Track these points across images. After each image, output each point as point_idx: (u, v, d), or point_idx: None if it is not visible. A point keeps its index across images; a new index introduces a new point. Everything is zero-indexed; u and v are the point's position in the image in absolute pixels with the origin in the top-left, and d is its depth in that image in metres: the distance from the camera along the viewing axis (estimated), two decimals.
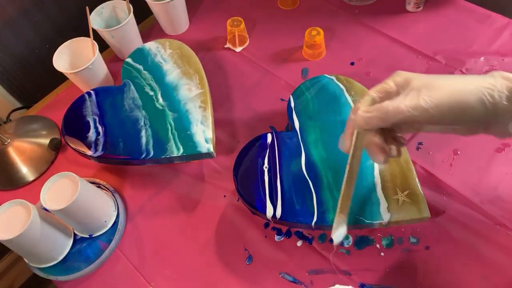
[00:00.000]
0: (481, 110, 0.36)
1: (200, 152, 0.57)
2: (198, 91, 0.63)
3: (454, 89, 0.36)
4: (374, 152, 0.41)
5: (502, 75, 0.37)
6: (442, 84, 0.37)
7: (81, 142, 0.60)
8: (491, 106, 0.36)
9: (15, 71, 0.76)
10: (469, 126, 0.38)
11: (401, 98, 0.38)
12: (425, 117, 0.37)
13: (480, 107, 0.36)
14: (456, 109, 0.36)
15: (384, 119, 0.38)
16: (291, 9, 0.83)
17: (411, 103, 0.37)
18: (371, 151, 0.42)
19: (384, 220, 0.50)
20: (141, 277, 0.56)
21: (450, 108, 0.36)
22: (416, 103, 0.37)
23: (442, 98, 0.36)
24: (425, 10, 0.77)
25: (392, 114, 0.38)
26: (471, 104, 0.36)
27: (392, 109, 0.38)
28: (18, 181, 0.66)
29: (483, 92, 0.36)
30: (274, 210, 0.52)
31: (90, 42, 0.69)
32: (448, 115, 0.36)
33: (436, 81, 0.38)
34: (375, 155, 0.42)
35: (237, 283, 0.54)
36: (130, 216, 0.61)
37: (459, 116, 0.37)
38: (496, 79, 0.36)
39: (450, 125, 0.39)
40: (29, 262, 0.56)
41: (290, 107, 0.62)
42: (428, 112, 0.36)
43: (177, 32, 0.82)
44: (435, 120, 0.37)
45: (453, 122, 0.38)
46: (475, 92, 0.36)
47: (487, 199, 0.56)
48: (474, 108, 0.36)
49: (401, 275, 0.52)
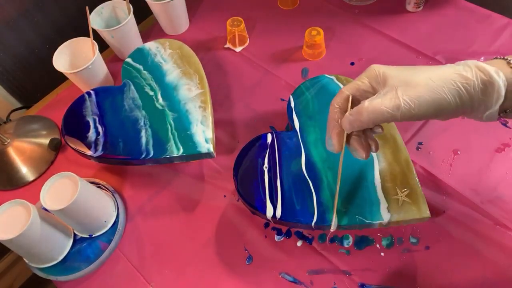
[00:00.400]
0: (458, 104, 0.37)
1: (200, 152, 0.57)
2: (198, 91, 0.63)
3: (432, 86, 0.37)
4: (358, 150, 0.43)
5: (477, 65, 0.37)
6: (420, 81, 0.37)
7: (81, 142, 0.60)
8: (467, 100, 0.37)
9: (15, 71, 0.76)
10: (448, 117, 0.39)
11: (380, 98, 0.38)
12: (405, 116, 0.37)
13: (458, 101, 0.37)
14: (435, 106, 0.37)
15: (366, 122, 0.39)
16: (291, 9, 0.83)
17: (390, 104, 0.37)
18: (354, 149, 0.43)
19: (384, 220, 0.50)
20: (141, 277, 0.56)
21: (430, 105, 0.37)
22: (395, 104, 0.37)
23: (421, 97, 0.37)
24: (425, 10, 0.77)
25: (373, 117, 0.38)
26: (449, 99, 0.37)
27: (371, 112, 0.38)
28: (18, 181, 0.66)
29: (460, 87, 0.37)
30: (274, 210, 0.52)
31: (90, 42, 0.69)
32: (428, 112, 0.37)
33: (413, 77, 0.38)
34: (359, 153, 0.43)
35: (237, 283, 0.54)
36: (130, 216, 0.61)
37: (438, 111, 0.37)
38: (472, 70, 0.37)
39: (429, 119, 0.40)
40: (29, 262, 0.56)
41: (290, 107, 0.62)
42: (408, 111, 0.37)
43: (177, 32, 0.82)
44: (415, 118, 0.38)
45: (431, 117, 0.38)
46: (452, 87, 0.37)
47: (487, 199, 0.56)
48: (451, 103, 0.37)
49: (401, 275, 0.52)
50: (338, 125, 0.43)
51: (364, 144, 0.43)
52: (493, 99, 0.37)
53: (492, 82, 0.36)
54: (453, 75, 0.37)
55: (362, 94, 0.41)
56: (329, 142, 0.44)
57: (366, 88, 0.41)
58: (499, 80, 0.36)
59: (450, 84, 0.37)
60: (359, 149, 0.43)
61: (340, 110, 0.42)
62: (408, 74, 0.38)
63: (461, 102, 0.37)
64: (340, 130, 0.43)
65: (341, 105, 0.42)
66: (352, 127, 0.41)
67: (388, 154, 0.55)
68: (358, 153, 0.43)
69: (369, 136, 0.44)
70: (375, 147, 0.43)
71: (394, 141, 0.56)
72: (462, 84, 0.37)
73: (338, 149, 0.43)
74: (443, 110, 0.37)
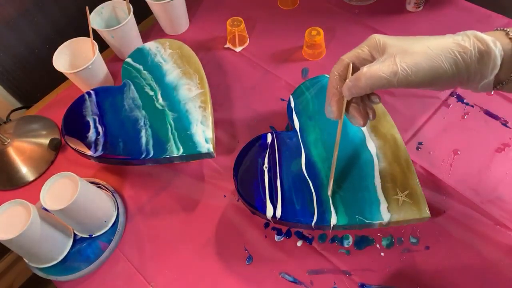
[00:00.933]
0: (455, 72, 0.37)
1: (200, 152, 0.57)
2: (198, 91, 0.63)
3: (429, 54, 0.37)
4: (356, 118, 0.44)
5: (476, 35, 0.38)
6: (418, 49, 0.38)
7: (81, 142, 0.60)
8: (464, 68, 0.37)
9: (15, 71, 0.76)
10: (444, 86, 0.40)
11: (378, 64, 0.39)
12: (402, 83, 0.38)
13: (454, 69, 0.37)
14: (431, 73, 0.37)
15: (363, 87, 0.40)
16: (291, 9, 0.83)
17: (388, 70, 0.38)
18: (353, 116, 0.44)
19: (384, 220, 0.50)
20: (141, 277, 0.56)
21: (426, 73, 0.37)
22: (393, 70, 0.38)
23: (418, 64, 0.37)
24: (425, 10, 0.77)
25: (370, 82, 0.39)
26: (446, 68, 0.37)
27: (369, 77, 0.39)
28: (18, 181, 0.66)
29: (457, 55, 0.37)
30: (274, 210, 0.52)
31: (90, 42, 0.69)
32: (424, 79, 0.38)
33: (412, 46, 0.38)
34: (357, 120, 0.44)
35: (237, 283, 0.54)
36: (130, 216, 0.61)
37: (434, 79, 0.38)
38: (470, 40, 0.37)
39: (426, 88, 0.40)
40: (29, 262, 0.56)
41: (290, 107, 0.62)
42: (405, 78, 0.37)
43: (177, 32, 0.82)
44: (412, 85, 0.38)
45: (428, 85, 0.39)
46: (449, 56, 0.37)
47: (487, 199, 0.56)
48: (448, 71, 0.37)
49: (401, 275, 0.52)
50: (337, 92, 0.43)
51: (362, 112, 0.44)
52: (489, 68, 0.37)
53: (488, 52, 0.37)
54: (451, 44, 0.37)
55: (362, 62, 0.42)
56: (329, 109, 0.45)
57: (365, 56, 0.42)
58: (495, 50, 0.37)
59: (448, 52, 0.37)
60: (357, 117, 0.44)
61: (340, 78, 0.43)
62: (407, 43, 0.39)
63: (457, 70, 0.37)
64: (339, 97, 0.44)
65: (341, 73, 0.43)
66: (351, 93, 0.41)
67: (388, 154, 0.55)
68: (356, 120, 0.44)
69: (367, 104, 0.45)
70: (372, 115, 0.45)
71: (394, 141, 0.56)
72: (459, 53, 0.37)
73: (337, 116, 0.44)
74: (439, 78, 0.38)
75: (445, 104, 0.66)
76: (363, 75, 0.39)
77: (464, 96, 0.66)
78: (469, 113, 0.64)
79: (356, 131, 0.58)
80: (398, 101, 0.67)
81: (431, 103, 0.66)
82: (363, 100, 0.44)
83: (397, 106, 0.66)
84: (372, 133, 0.57)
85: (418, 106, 0.66)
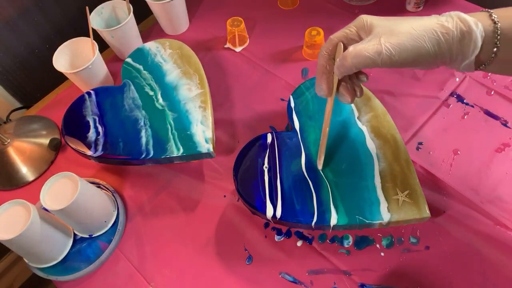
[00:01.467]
0: (437, 52, 0.38)
1: (200, 152, 0.57)
2: (198, 91, 0.63)
3: (413, 34, 0.38)
4: (344, 95, 0.45)
5: (459, 16, 0.39)
6: (403, 29, 0.39)
7: (81, 142, 0.60)
8: (446, 49, 0.38)
9: (15, 71, 0.76)
10: (427, 65, 0.40)
11: (364, 44, 0.40)
12: (386, 62, 0.39)
13: (437, 50, 0.38)
14: (414, 53, 0.38)
15: (349, 66, 0.41)
16: (291, 9, 0.83)
17: (373, 49, 0.39)
18: (341, 94, 0.46)
19: (384, 220, 0.50)
20: (141, 277, 0.56)
21: (409, 53, 0.38)
22: (377, 49, 0.39)
23: (402, 45, 0.38)
24: (425, 10, 0.77)
25: (355, 61, 0.40)
26: (428, 48, 0.38)
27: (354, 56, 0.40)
28: (18, 181, 0.66)
29: (440, 36, 0.38)
30: (274, 210, 0.52)
31: (90, 42, 0.69)
32: (407, 59, 0.39)
33: (398, 26, 0.39)
34: (345, 97, 0.45)
35: (237, 283, 0.54)
36: (130, 216, 0.61)
37: (417, 59, 0.39)
38: (453, 21, 0.38)
39: (409, 67, 0.41)
40: (29, 262, 0.56)
41: (290, 107, 0.62)
42: (389, 58, 0.38)
43: (177, 32, 0.82)
44: (396, 65, 0.39)
45: (412, 64, 0.40)
46: (432, 36, 0.38)
47: (487, 199, 0.56)
48: (430, 51, 0.38)
49: (401, 275, 0.52)
50: (326, 70, 0.45)
51: (350, 90, 0.45)
52: (470, 49, 0.38)
53: (469, 33, 0.37)
54: (434, 25, 0.38)
55: (350, 42, 0.43)
56: (319, 87, 0.46)
57: (353, 36, 0.43)
58: (476, 31, 0.37)
59: (431, 33, 0.38)
60: (345, 94, 0.45)
61: (329, 56, 0.44)
62: (393, 24, 0.40)
63: (440, 50, 0.38)
64: (328, 75, 0.45)
65: (330, 52, 0.44)
66: (339, 72, 0.43)
67: (388, 154, 0.55)
68: (344, 98, 0.45)
69: (355, 83, 0.46)
70: (360, 93, 0.46)
71: (394, 141, 0.56)
72: (442, 33, 0.38)
73: (328, 94, 0.46)
74: (422, 57, 0.38)
75: (445, 104, 0.66)
76: (349, 54, 0.40)
77: (464, 96, 0.66)
78: (469, 113, 0.64)
79: (356, 131, 0.58)
80: (398, 101, 0.67)
81: (431, 103, 0.66)
82: (351, 78, 0.46)
83: (397, 106, 0.66)
84: (372, 133, 0.57)
85: (418, 106, 0.66)
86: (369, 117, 0.59)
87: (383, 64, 0.39)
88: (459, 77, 0.68)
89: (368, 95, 0.61)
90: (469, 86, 0.67)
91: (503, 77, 0.67)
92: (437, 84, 0.68)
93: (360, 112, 0.60)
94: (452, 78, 0.68)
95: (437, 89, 0.67)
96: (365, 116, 0.59)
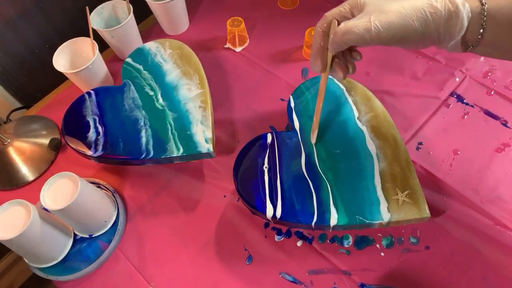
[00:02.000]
0: (425, 32, 0.39)
1: (200, 152, 0.57)
2: (198, 91, 0.63)
3: (402, 13, 0.39)
4: (337, 72, 0.47)
5: None
6: (393, 8, 0.40)
7: (81, 142, 0.60)
8: (433, 29, 0.39)
9: (15, 71, 0.76)
10: (415, 44, 0.41)
11: (354, 21, 0.41)
12: (374, 39, 0.40)
13: (424, 29, 0.39)
14: (402, 32, 0.39)
15: (339, 42, 0.42)
16: (291, 9, 0.83)
17: (362, 26, 0.40)
18: (334, 70, 0.47)
19: (384, 220, 0.50)
20: (141, 277, 0.56)
21: (397, 31, 0.39)
22: (366, 26, 0.40)
23: (391, 23, 0.39)
24: None
25: (345, 38, 0.41)
26: (416, 26, 0.39)
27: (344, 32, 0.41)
28: (18, 181, 0.66)
29: (428, 15, 0.39)
30: (274, 210, 0.52)
31: (90, 42, 0.69)
32: (395, 36, 0.40)
33: (388, 5, 0.40)
34: (337, 74, 0.47)
35: (237, 283, 0.54)
36: (130, 216, 0.61)
37: (405, 37, 0.40)
38: (442, 1, 0.39)
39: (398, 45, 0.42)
40: (29, 262, 0.56)
41: (290, 107, 0.62)
42: (377, 35, 0.39)
43: (177, 32, 0.82)
44: (385, 42, 0.40)
45: (399, 43, 0.41)
46: (420, 15, 0.39)
47: (487, 199, 0.56)
48: (418, 30, 0.39)
49: (401, 275, 0.52)
50: (321, 47, 0.46)
51: (343, 66, 0.47)
52: (456, 29, 0.39)
53: (457, 13, 0.38)
54: (424, 4, 0.39)
55: (343, 19, 0.44)
56: (314, 63, 0.47)
57: (346, 13, 0.44)
58: (463, 12, 0.38)
59: (419, 12, 0.39)
60: (337, 70, 0.47)
61: (323, 33, 0.45)
62: (384, 3, 0.41)
63: (427, 30, 0.39)
64: (322, 51, 0.46)
65: (324, 29, 0.45)
66: (332, 48, 0.44)
67: (388, 154, 0.55)
68: (337, 74, 0.47)
69: (349, 60, 0.47)
70: (352, 70, 0.47)
71: (394, 141, 0.56)
72: (430, 13, 0.38)
73: (321, 70, 0.47)
74: (410, 35, 0.39)
75: (445, 104, 0.66)
76: (339, 31, 0.42)
77: (464, 96, 0.66)
78: (469, 113, 0.64)
79: (356, 131, 0.58)
80: (398, 101, 0.67)
81: (431, 103, 0.66)
82: (345, 56, 0.47)
83: (397, 106, 0.66)
84: (372, 133, 0.57)
85: (418, 106, 0.66)
86: (369, 117, 0.59)
87: (371, 40, 0.40)
88: (459, 77, 0.68)
89: (368, 95, 0.61)
90: (469, 86, 0.67)
91: (503, 77, 0.67)
92: (437, 84, 0.68)
93: (360, 112, 0.60)
94: (452, 78, 0.68)
95: (437, 89, 0.67)
96: (365, 116, 0.59)
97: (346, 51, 0.47)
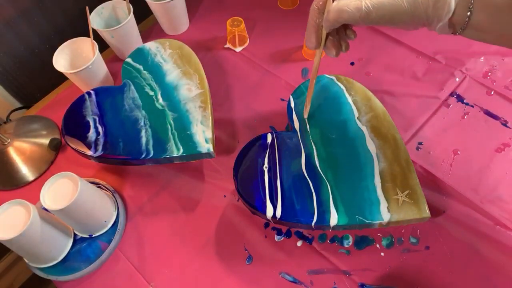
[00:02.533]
0: (414, 13, 0.40)
1: (200, 152, 0.57)
2: (198, 91, 0.63)
3: None
4: (330, 49, 0.48)
5: None
6: None
7: (81, 142, 0.60)
8: (422, 11, 0.40)
9: (15, 71, 0.76)
10: (405, 26, 0.42)
11: (347, 0, 0.42)
12: (364, 19, 0.41)
13: (413, 10, 0.40)
14: (391, 12, 0.40)
15: (331, 20, 0.43)
16: (291, 9, 0.83)
17: (353, 5, 0.41)
18: (327, 47, 0.48)
19: (384, 220, 0.50)
20: (141, 277, 0.56)
21: (386, 11, 0.40)
22: (357, 6, 0.41)
23: (381, 3, 0.40)
24: None
25: (336, 16, 0.42)
26: (405, 7, 0.40)
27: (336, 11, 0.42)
28: (18, 181, 0.66)
29: None
30: (274, 210, 0.52)
31: (90, 42, 0.69)
32: (384, 16, 0.41)
33: None
34: (330, 51, 0.48)
35: (237, 283, 0.54)
36: (130, 216, 0.61)
37: (394, 17, 0.41)
38: None
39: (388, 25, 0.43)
40: (29, 262, 0.56)
41: (290, 107, 0.62)
42: (367, 14, 0.41)
43: (177, 32, 0.82)
44: (374, 22, 0.41)
45: (389, 23, 0.42)
46: None
47: (487, 199, 0.56)
48: (407, 11, 0.40)
49: (401, 275, 0.52)
50: (316, 24, 0.47)
51: (336, 44, 0.47)
52: (444, 12, 0.39)
53: None
54: None
55: None
56: (308, 40, 0.48)
57: None
58: None
59: None
60: (330, 48, 0.47)
61: (319, 11, 0.46)
62: None
63: (416, 11, 0.40)
64: (317, 28, 0.47)
65: (320, 6, 0.46)
66: (326, 25, 0.45)
67: (388, 154, 0.55)
68: (330, 51, 0.48)
69: (342, 38, 0.48)
70: (345, 48, 0.48)
71: (394, 141, 0.56)
72: None
73: (316, 46, 0.48)
74: (399, 16, 0.40)
75: (445, 104, 0.66)
76: (332, 9, 0.43)
77: (464, 96, 0.66)
78: (469, 113, 0.64)
79: (356, 131, 0.58)
80: (398, 101, 0.67)
81: (431, 103, 0.66)
82: (339, 33, 0.48)
83: (397, 106, 0.66)
84: (372, 133, 0.57)
85: (418, 106, 0.66)
86: (369, 117, 0.59)
87: (361, 19, 0.41)
88: (459, 77, 0.68)
89: (368, 95, 0.61)
90: (469, 86, 0.67)
91: (503, 77, 0.67)
92: (437, 84, 0.68)
93: (360, 112, 0.60)
94: (452, 78, 0.68)
95: (437, 89, 0.67)
96: (365, 116, 0.59)
97: (341, 29, 0.47)
